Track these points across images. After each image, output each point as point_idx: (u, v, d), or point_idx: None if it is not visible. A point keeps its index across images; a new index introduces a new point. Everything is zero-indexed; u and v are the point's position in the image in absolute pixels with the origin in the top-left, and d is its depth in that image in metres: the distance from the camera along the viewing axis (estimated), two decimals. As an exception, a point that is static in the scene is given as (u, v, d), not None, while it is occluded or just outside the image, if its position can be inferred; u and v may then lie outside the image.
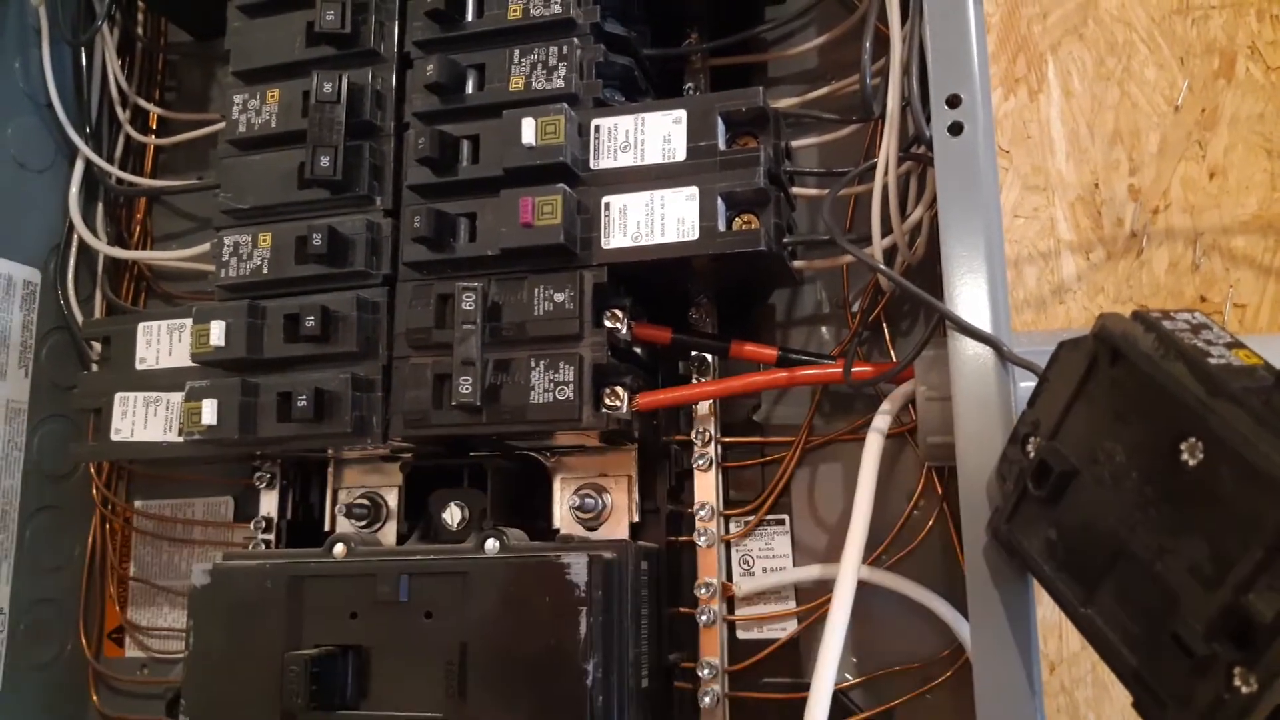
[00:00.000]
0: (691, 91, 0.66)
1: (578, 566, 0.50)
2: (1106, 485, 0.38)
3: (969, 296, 0.46)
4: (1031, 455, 0.41)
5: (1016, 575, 0.44)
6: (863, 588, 0.58)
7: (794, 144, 0.65)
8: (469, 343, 0.52)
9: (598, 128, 0.56)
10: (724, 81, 0.67)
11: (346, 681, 0.53)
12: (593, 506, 0.60)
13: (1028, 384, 0.43)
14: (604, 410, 0.54)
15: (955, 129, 0.48)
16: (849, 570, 0.49)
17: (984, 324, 0.46)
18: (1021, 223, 0.63)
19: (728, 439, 0.63)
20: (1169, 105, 0.63)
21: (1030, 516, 0.41)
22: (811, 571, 0.60)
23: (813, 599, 0.61)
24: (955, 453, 0.45)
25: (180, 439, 0.59)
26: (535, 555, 0.52)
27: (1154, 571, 0.36)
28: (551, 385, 0.53)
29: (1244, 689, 0.32)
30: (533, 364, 0.53)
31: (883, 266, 0.51)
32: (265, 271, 0.59)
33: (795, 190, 0.61)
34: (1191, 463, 0.34)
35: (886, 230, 0.54)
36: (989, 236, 0.47)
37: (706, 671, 0.59)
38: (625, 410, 0.55)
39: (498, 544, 0.54)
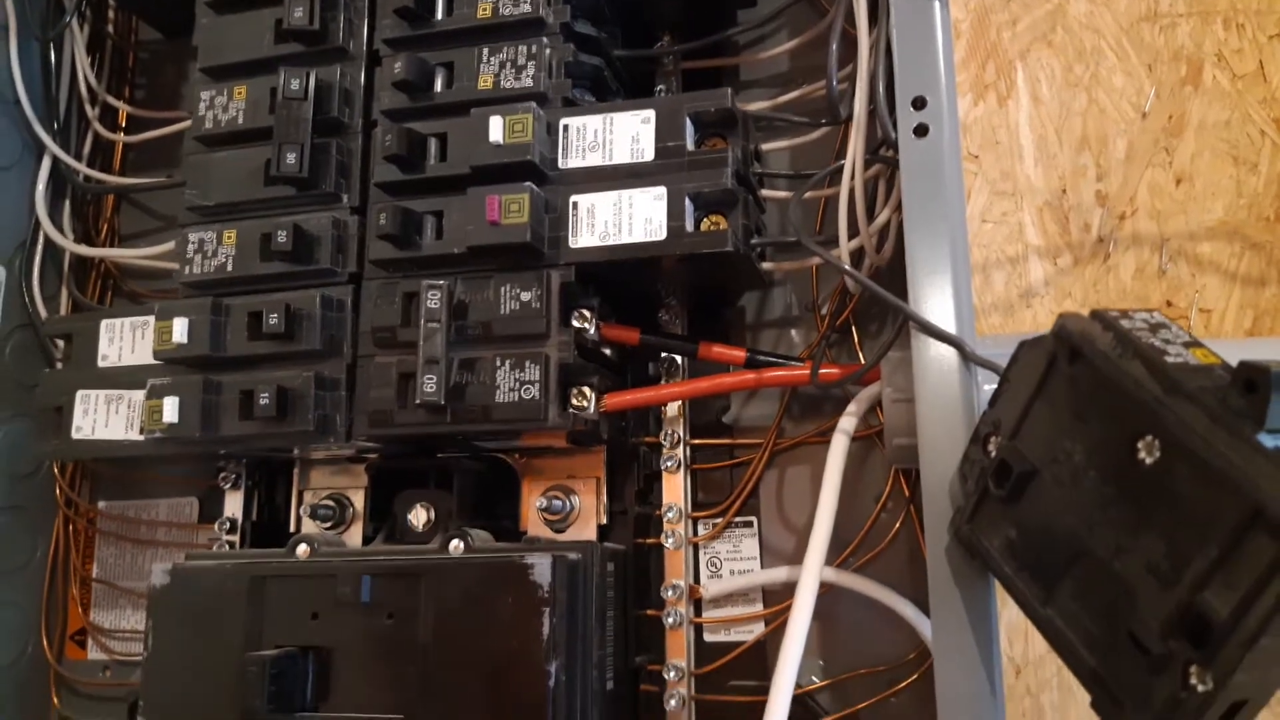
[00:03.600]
0: (663, 93, 0.66)
1: (541, 567, 0.50)
2: (1066, 485, 0.38)
3: (933, 297, 0.46)
4: (993, 455, 0.41)
5: (978, 576, 0.44)
6: (830, 590, 0.58)
7: (765, 147, 0.65)
8: (434, 341, 0.52)
9: (566, 127, 0.56)
10: (696, 84, 0.67)
11: (307, 683, 0.52)
12: (560, 508, 0.60)
13: (991, 385, 0.43)
14: (571, 410, 0.54)
15: (921, 130, 0.48)
16: (811, 573, 0.49)
17: (948, 325, 0.46)
18: (990, 227, 0.63)
19: (697, 440, 0.63)
20: (1136, 112, 0.63)
21: (991, 516, 0.42)
22: (779, 574, 0.60)
23: (780, 601, 0.60)
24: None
25: (141, 437, 0.58)
26: (498, 556, 0.52)
27: (1112, 571, 0.36)
28: (517, 384, 0.53)
29: (1200, 687, 0.32)
30: (498, 363, 0.53)
31: (847, 267, 0.51)
32: (230, 269, 0.58)
33: (765, 192, 0.61)
34: (1149, 461, 0.35)
35: (855, 233, 0.54)
36: (953, 237, 0.47)
37: (672, 674, 0.58)
38: (592, 411, 0.54)
39: (462, 545, 0.54)
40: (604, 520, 0.60)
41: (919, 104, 0.48)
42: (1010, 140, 0.64)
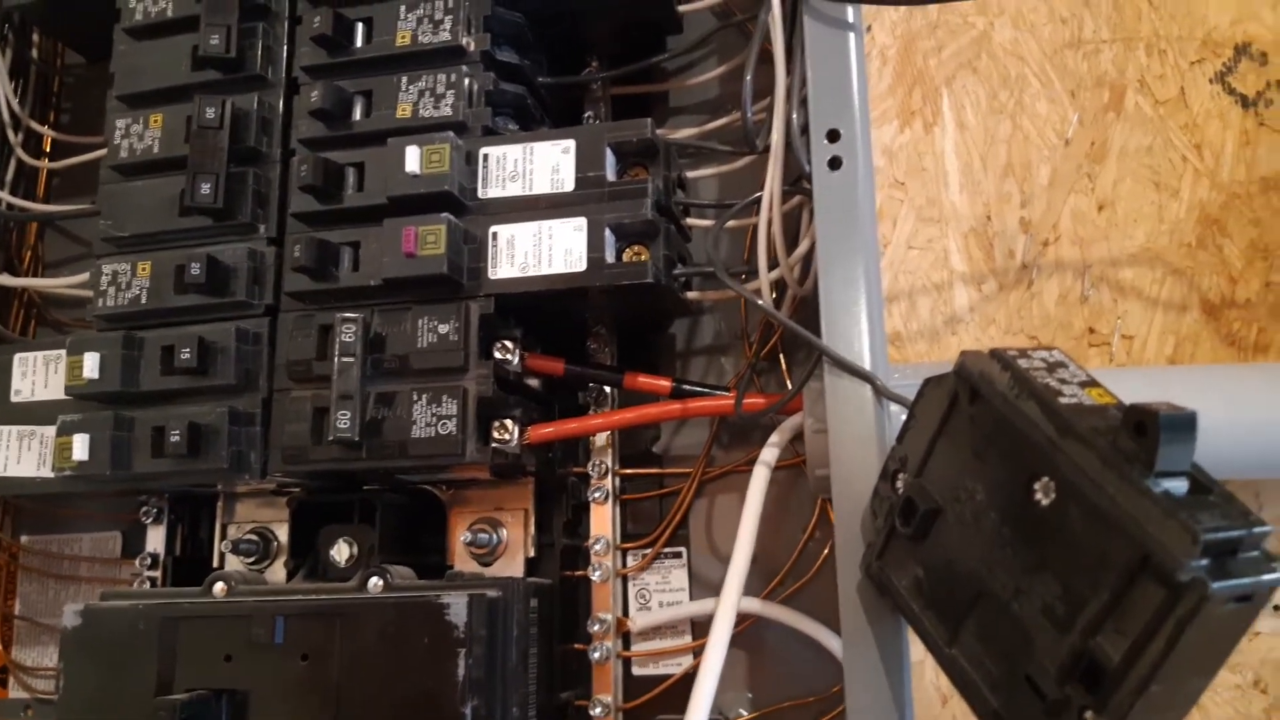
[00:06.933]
0: (591, 120, 0.66)
1: (457, 606, 0.49)
2: (968, 524, 0.38)
3: (846, 331, 0.46)
4: (900, 492, 0.41)
5: (890, 614, 0.43)
6: (756, 622, 0.58)
7: (695, 174, 0.65)
8: (348, 376, 0.51)
9: (486, 156, 0.55)
10: (625, 110, 0.67)
11: (220, 727, 0.51)
12: (486, 541, 0.59)
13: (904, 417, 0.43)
14: (492, 444, 0.53)
15: (834, 163, 0.48)
16: (728, 604, 0.48)
17: (861, 358, 0.46)
18: (916, 254, 0.63)
19: (626, 470, 0.63)
20: (1060, 138, 0.64)
21: (899, 554, 0.41)
22: (706, 605, 0.59)
23: (709, 633, 0.60)
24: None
25: (53, 475, 0.57)
26: (413, 595, 0.51)
27: (1011, 612, 0.36)
28: (434, 419, 0.52)
29: (1093, 733, 0.32)
30: (415, 397, 0.52)
31: (759, 301, 0.51)
32: (144, 301, 0.57)
33: (693, 221, 0.61)
34: (1044, 502, 0.34)
35: (775, 264, 0.53)
36: (867, 271, 0.47)
37: (599, 710, 0.58)
38: (514, 444, 0.54)
39: (381, 583, 0.53)
40: (532, 553, 0.60)
41: (833, 137, 0.48)
42: (936, 167, 0.64)
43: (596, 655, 0.58)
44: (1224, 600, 0.30)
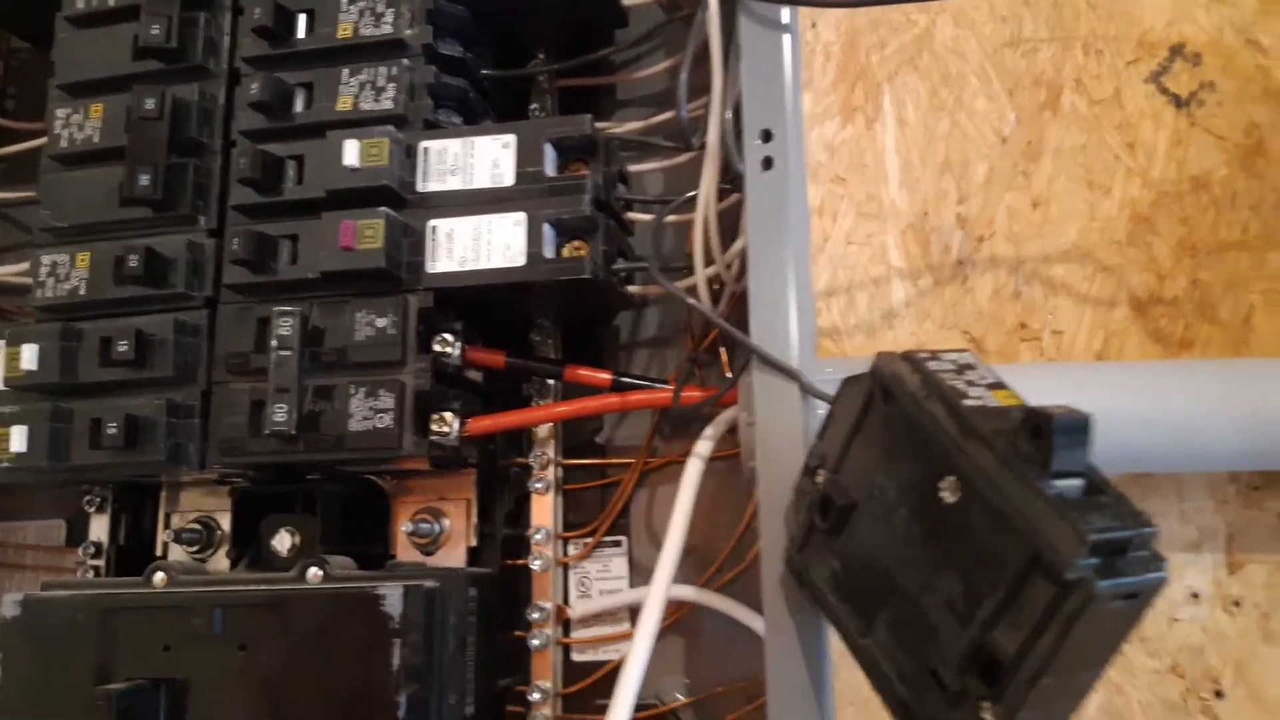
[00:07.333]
0: (537, 113, 0.66)
1: (393, 597, 0.50)
2: (881, 520, 0.39)
3: (774, 329, 0.47)
4: (819, 487, 0.42)
5: (811, 606, 0.44)
6: (692, 609, 0.59)
7: (640, 168, 0.65)
8: (284, 369, 0.52)
9: (426, 150, 0.56)
10: (572, 104, 0.67)
11: (158, 717, 0.52)
12: (428, 531, 0.60)
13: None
14: (431, 436, 0.54)
15: (767, 163, 0.49)
16: (658, 592, 0.49)
17: (789, 356, 0.47)
18: (855, 249, 0.64)
19: (568, 461, 0.64)
20: (997, 136, 0.65)
21: (818, 548, 0.42)
22: (644, 593, 0.60)
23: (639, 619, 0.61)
24: (760, 482, 0.46)
25: (-10, 465, 0.57)
26: (349, 586, 0.51)
27: (920, 606, 0.37)
28: (371, 413, 0.52)
29: (990, 722, 0.33)
30: (352, 390, 0.53)
31: (690, 299, 0.52)
32: (83, 292, 0.57)
33: (635, 216, 0.62)
34: (950, 501, 0.36)
35: (711, 261, 0.54)
36: (797, 270, 0.48)
37: (538, 695, 0.59)
38: (454, 436, 0.54)
39: (320, 573, 0.53)
40: (474, 542, 0.60)
41: (766, 137, 0.49)
42: (876, 163, 0.65)
43: (536, 642, 0.59)
44: (1110, 598, 0.31)
